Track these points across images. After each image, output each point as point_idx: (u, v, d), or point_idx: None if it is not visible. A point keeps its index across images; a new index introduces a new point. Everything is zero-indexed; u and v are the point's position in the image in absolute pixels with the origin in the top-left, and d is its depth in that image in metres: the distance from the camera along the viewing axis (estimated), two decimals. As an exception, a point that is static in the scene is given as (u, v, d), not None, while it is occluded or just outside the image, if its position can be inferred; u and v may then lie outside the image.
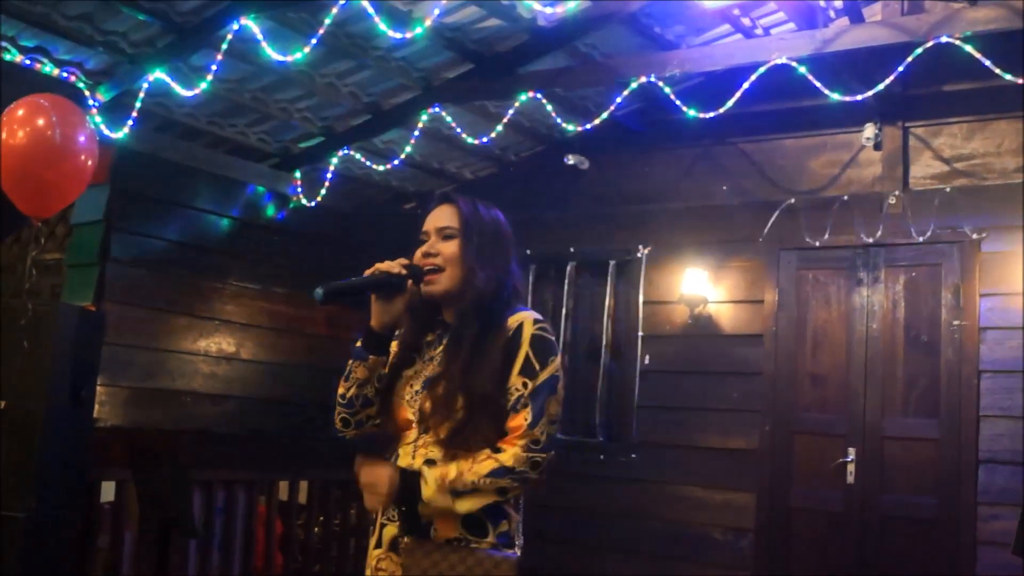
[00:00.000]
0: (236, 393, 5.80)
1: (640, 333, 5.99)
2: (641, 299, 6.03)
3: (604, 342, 6.14)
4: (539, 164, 6.49)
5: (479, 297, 2.07)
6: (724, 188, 5.91)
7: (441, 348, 2.10)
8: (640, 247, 6.09)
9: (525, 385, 2.01)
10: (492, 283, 2.09)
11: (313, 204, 6.00)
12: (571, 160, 6.15)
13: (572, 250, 6.33)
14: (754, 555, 5.42)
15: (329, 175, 5.93)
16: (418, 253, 2.11)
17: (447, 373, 2.04)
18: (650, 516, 5.78)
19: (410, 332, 2.16)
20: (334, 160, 5.91)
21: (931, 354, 5.15)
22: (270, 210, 6.04)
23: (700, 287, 5.81)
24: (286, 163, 6.01)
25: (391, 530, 2.09)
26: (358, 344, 2.10)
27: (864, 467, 5.20)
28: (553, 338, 2.10)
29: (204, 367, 5.68)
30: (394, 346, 2.16)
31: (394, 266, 2.06)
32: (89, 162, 3.97)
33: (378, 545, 2.12)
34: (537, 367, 2.03)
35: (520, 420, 2.01)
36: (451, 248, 2.10)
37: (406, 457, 2.07)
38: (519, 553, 2.07)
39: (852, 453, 5.23)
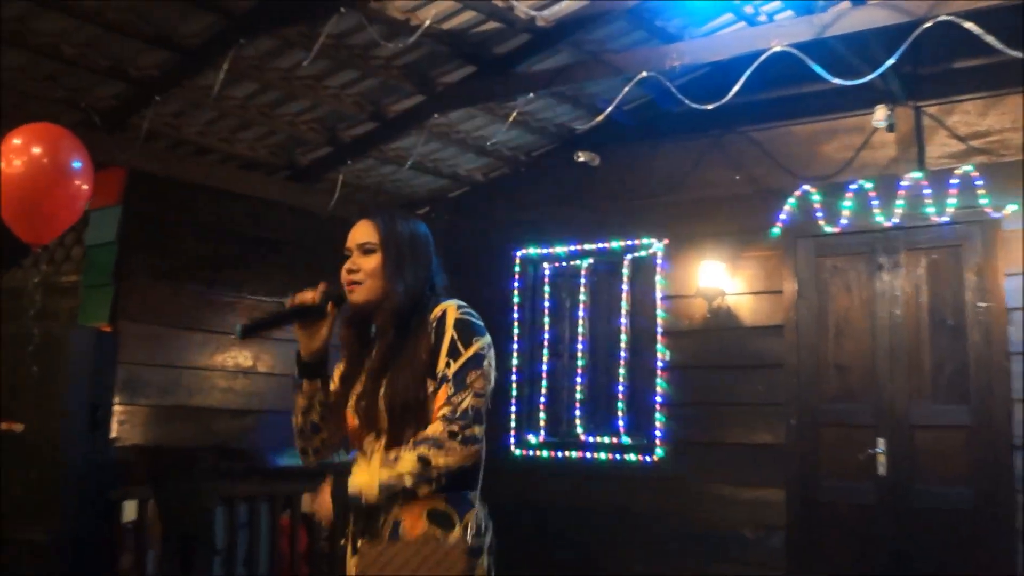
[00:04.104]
0: (254, 407, 5.81)
1: (659, 329, 5.99)
2: (658, 294, 6.02)
3: (623, 340, 6.13)
4: (550, 163, 6.50)
5: (398, 306, 2.15)
6: (736, 177, 5.89)
7: (373, 357, 2.19)
8: (655, 241, 6.10)
9: (448, 365, 2.09)
10: (410, 292, 2.17)
11: (325, 214, 5.98)
12: (581, 157, 6.18)
13: (587, 247, 6.33)
14: (786, 552, 5.39)
15: (340, 184, 5.94)
16: (343, 270, 2.23)
17: (365, 389, 2.14)
18: (677, 515, 5.76)
19: (351, 345, 2.25)
20: (344, 169, 5.94)
21: (957, 338, 5.10)
22: (284, 222, 6.07)
23: (717, 279, 5.79)
24: (296, 175, 6.04)
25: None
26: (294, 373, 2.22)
27: (894, 458, 5.17)
28: (478, 321, 2.16)
29: (221, 382, 5.70)
30: (338, 367, 2.26)
31: (309, 295, 2.18)
32: (84, 187, 4.05)
33: (354, 553, 2.20)
34: (461, 348, 2.09)
35: (442, 395, 2.08)
36: (371, 262, 2.20)
37: (363, 463, 2.16)
38: (487, 541, 2.12)
39: (881, 444, 5.20)
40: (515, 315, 6.42)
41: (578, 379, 6.32)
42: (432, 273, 2.24)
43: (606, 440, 6.11)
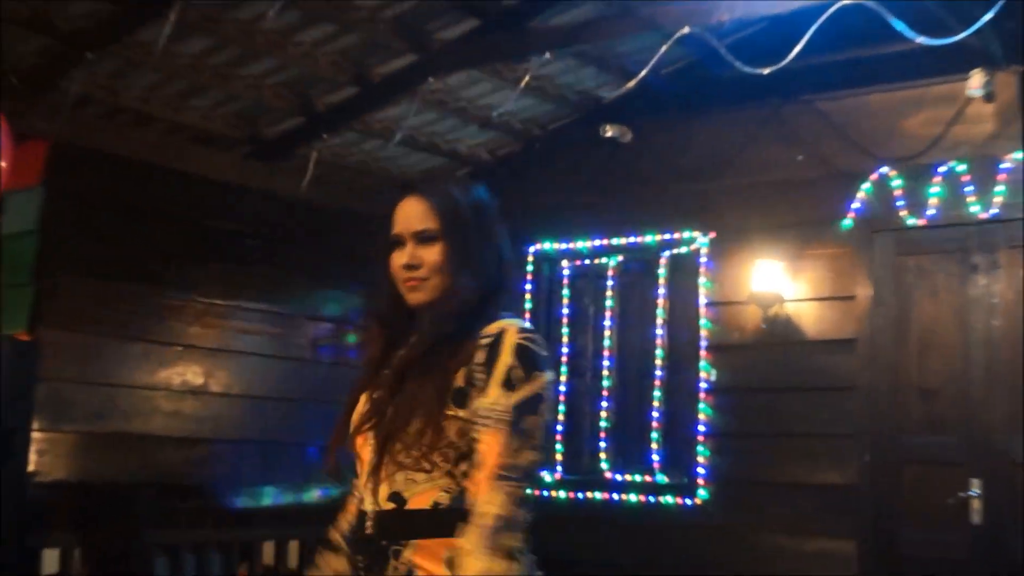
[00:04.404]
0: (205, 435, 5.77)
1: (703, 342, 5.94)
2: (702, 300, 5.98)
3: (659, 355, 6.10)
4: (571, 138, 6.45)
5: (463, 306, 2.12)
6: (799, 158, 5.83)
7: (401, 354, 2.17)
8: (698, 235, 6.04)
9: (504, 398, 2.04)
10: (481, 286, 2.14)
11: (296, 199, 5.96)
12: (609, 132, 6.10)
13: (615, 241, 6.26)
14: (859, 617, 5.40)
15: (313, 163, 5.90)
16: (396, 264, 2.15)
17: (383, 384, 2.14)
18: (724, 571, 5.70)
19: (380, 347, 2.21)
20: (319, 145, 5.88)
21: (1070, 355, 5.10)
22: (242, 208, 6.03)
23: (775, 282, 5.72)
24: (260, 151, 5.98)
25: None
26: None
27: (992, 502, 5.13)
28: (543, 351, 2.10)
29: (165, 404, 5.64)
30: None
31: None
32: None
33: None
34: (520, 382, 2.04)
35: (494, 440, 2.03)
36: (434, 254, 2.14)
37: (368, 495, 2.12)
38: None
39: (976, 485, 5.15)
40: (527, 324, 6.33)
41: (603, 403, 6.28)
42: (501, 255, 2.20)
43: (637, 479, 6.05)
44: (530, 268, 6.48)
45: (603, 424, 6.25)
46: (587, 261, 6.42)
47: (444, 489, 2.05)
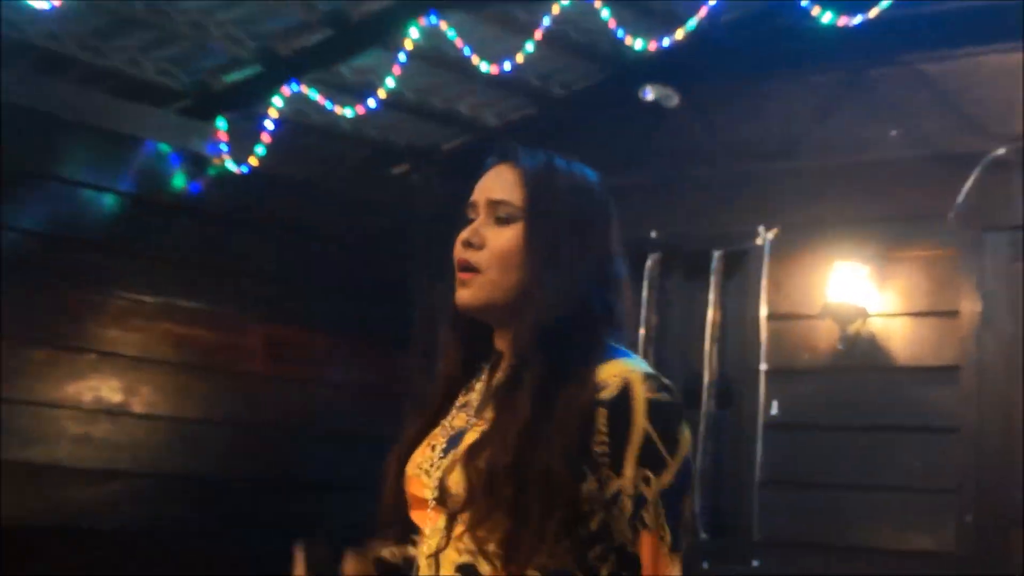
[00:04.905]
0: (125, 467, 5.73)
1: (763, 366, 5.86)
2: (763, 311, 5.90)
3: (706, 380, 6.03)
4: (600, 102, 6.39)
5: (544, 320, 2.04)
6: (892, 134, 5.73)
7: (478, 391, 2.15)
8: (760, 230, 5.93)
9: (648, 482, 1.97)
10: (568, 299, 2.06)
11: (247, 169, 5.94)
12: (651, 95, 6.04)
13: (654, 235, 6.17)
14: None
15: (271, 124, 5.88)
16: (458, 240, 2.13)
17: (493, 435, 2.02)
18: None
19: (454, 363, 2.19)
20: (278, 101, 5.85)
21: None
22: (179, 180, 6.00)
23: (856, 292, 5.61)
24: (204, 107, 5.94)
25: None
26: None
27: None
28: (677, 401, 2.03)
29: (74, 426, 5.57)
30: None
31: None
32: None
33: None
34: (666, 455, 1.97)
35: (651, 542, 1.97)
36: (504, 237, 2.09)
37: (427, 568, 2.07)
38: None
39: None
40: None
41: (634, 442, 6.26)
42: (611, 268, 2.13)
43: (676, 537, 5.99)
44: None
45: (633, 469, 6.22)
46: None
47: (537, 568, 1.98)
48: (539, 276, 2.05)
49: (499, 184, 2.12)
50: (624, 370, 2.00)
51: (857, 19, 4.94)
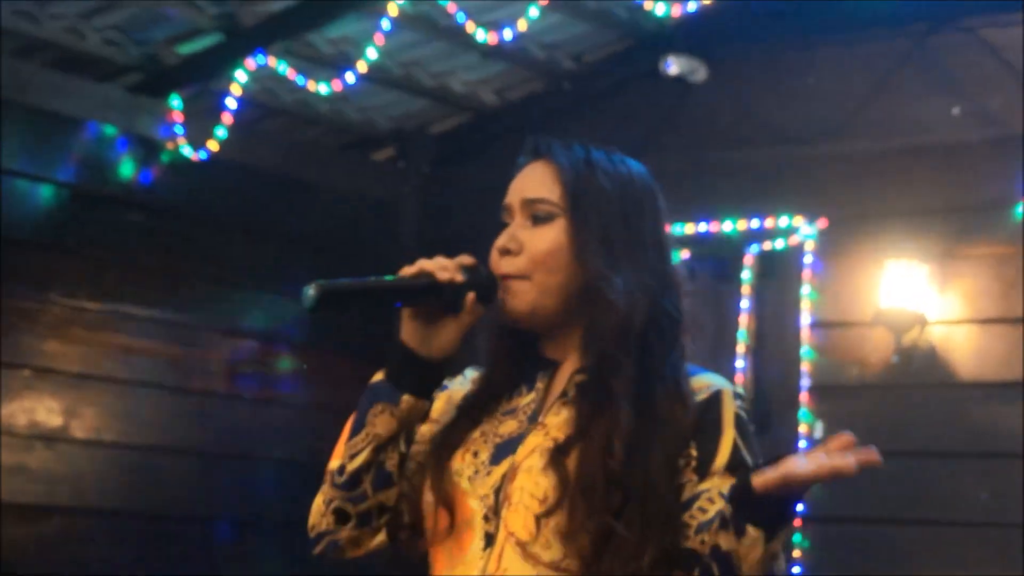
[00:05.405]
0: (64, 502, 5.69)
1: (805, 381, 5.86)
2: (805, 318, 5.90)
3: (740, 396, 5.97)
4: (617, 75, 6.41)
5: (619, 321, 2.13)
6: (954, 111, 5.74)
7: (531, 399, 2.22)
8: (802, 223, 5.96)
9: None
10: (637, 298, 2.15)
11: (205, 156, 5.92)
12: (675, 68, 6.03)
13: (678, 229, 6.07)
14: None
15: (233, 103, 5.88)
16: (494, 248, 2.23)
17: (589, 440, 2.10)
18: None
19: (498, 371, 2.27)
20: (242, 75, 5.83)
21: None
22: (127, 168, 5.97)
23: (913, 295, 5.60)
24: (155, 83, 5.91)
25: None
26: (379, 377, 2.22)
27: None
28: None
29: (5, 454, 5.52)
30: (442, 398, 2.31)
31: (448, 267, 2.18)
32: None
33: None
34: (749, 464, 2.12)
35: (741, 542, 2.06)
36: (544, 238, 2.18)
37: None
38: None
39: None
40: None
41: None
42: (668, 267, 2.24)
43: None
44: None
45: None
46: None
47: None
48: (598, 274, 2.13)
49: (533, 182, 2.20)
50: (715, 382, 2.15)
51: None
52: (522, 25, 5.64)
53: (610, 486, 2.06)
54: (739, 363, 6.05)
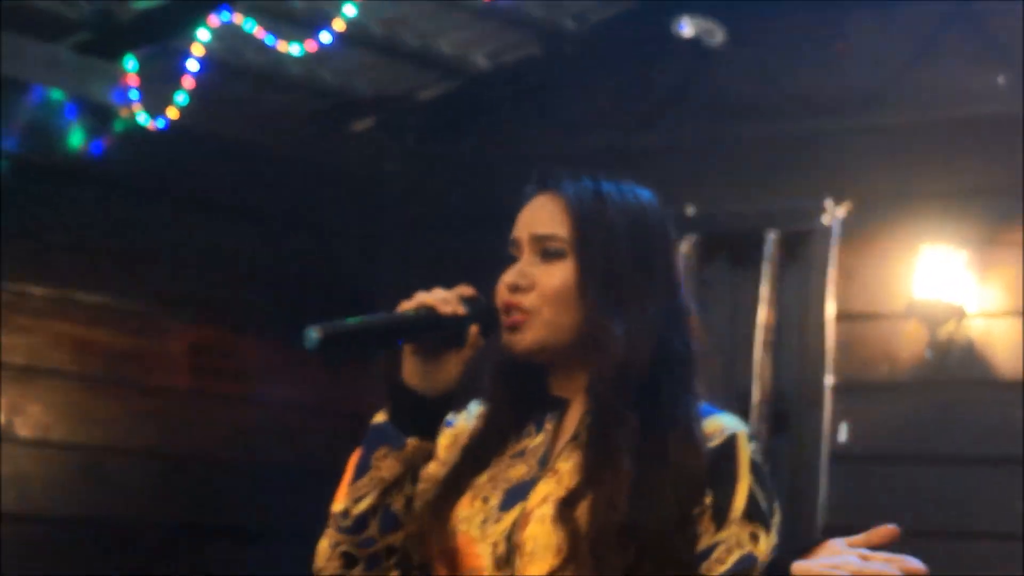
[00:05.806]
0: (9, 508, 5.69)
1: (829, 380, 5.94)
2: (829, 309, 5.97)
3: (756, 397, 6.11)
4: (623, 39, 6.41)
5: (624, 365, 2.23)
6: (999, 81, 5.75)
7: (540, 440, 2.33)
8: (828, 205, 6.00)
9: (755, 538, 2.17)
10: (644, 340, 2.24)
11: (164, 124, 5.93)
12: (688, 30, 6.11)
13: (690, 211, 6.20)
14: None
15: (195, 65, 5.89)
16: (501, 283, 2.30)
17: (596, 489, 2.20)
18: None
19: (503, 410, 2.37)
20: (204, 34, 5.81)
21: None
22: (76, 137, 6.00)
23: (950, 285, 5.65)
24: (108, 42, 5.90)
25: None
26: (380, 418, 2.29)
27: None
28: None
29: None
30: (448, 435, 2.39)
31: (448, 300, 2.26)
32: None
33: None
34: (767, 511, 2.21)
35: None
36: (555, 276, 2.28)
37: None
38: None
39: None
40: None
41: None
42: (679, 304, 2.32)
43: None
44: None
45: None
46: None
47: None
48: (604, 316, 2.25)
49: (542, 217, 2.32)
50: (729, 425, 2.24)
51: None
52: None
53: (621, 540, 2.18)
54: (757, 358, 6.08)
